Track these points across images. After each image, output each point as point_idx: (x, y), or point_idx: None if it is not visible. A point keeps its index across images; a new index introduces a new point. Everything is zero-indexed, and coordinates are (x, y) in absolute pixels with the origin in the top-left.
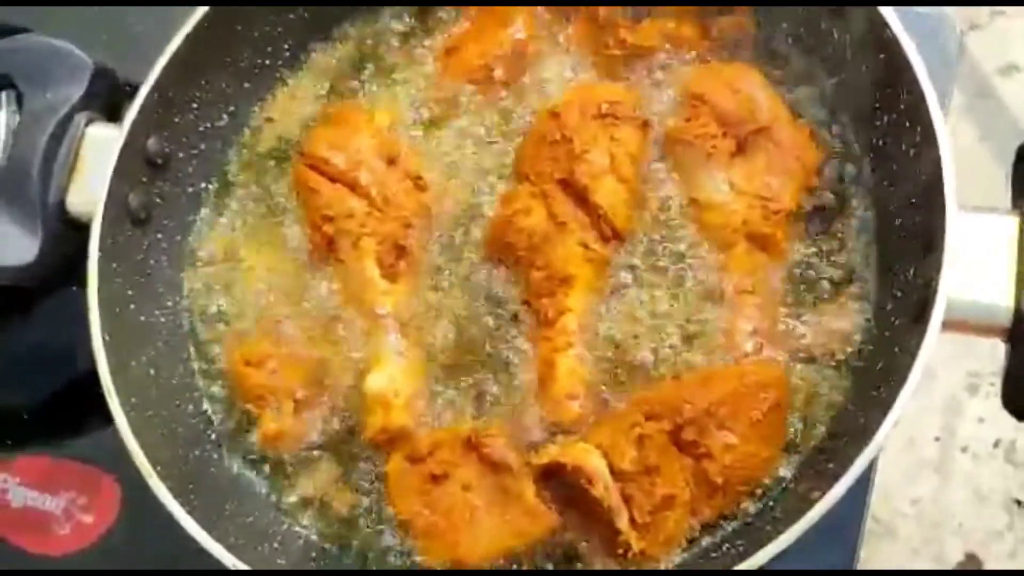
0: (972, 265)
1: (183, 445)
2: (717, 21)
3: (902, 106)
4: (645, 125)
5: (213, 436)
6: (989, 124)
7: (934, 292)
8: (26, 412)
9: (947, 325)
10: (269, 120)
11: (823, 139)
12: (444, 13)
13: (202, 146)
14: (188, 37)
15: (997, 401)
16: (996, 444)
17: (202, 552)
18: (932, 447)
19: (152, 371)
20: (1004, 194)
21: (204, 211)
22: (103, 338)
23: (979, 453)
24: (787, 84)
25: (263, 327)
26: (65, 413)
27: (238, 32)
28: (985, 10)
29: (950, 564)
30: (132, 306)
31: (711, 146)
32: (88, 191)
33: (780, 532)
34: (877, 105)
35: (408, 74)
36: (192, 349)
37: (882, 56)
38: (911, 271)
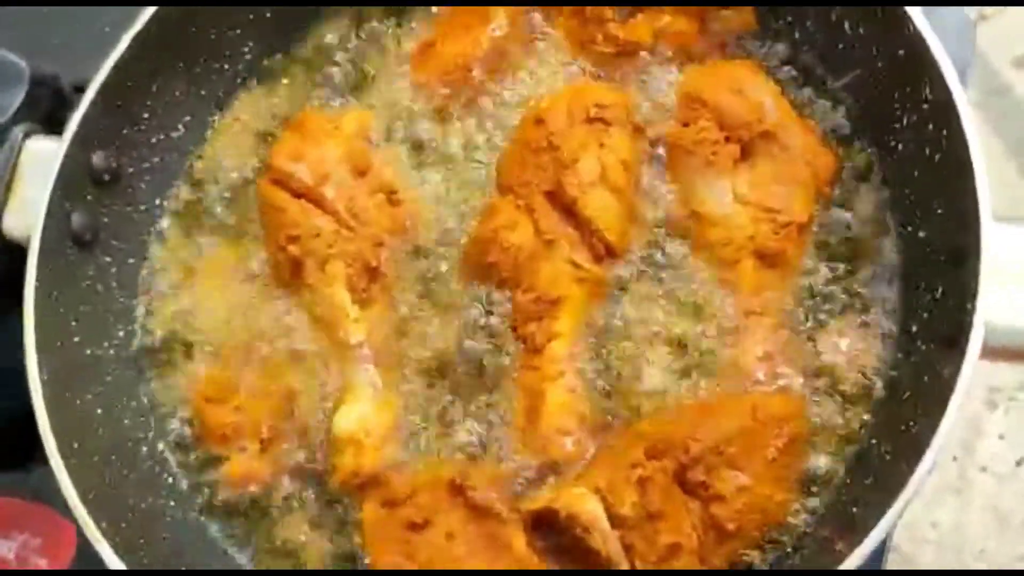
0: (1010, 283)
1: (135, 493)
2: (716, 15)
3: (925, 106)
4: (638, 130)
5: (170, 481)
6: (1003, 119)
7: (970, 315)
8: None
9: (986, 352)
10: (229, 130)
11: (835, 143)
12: (420, 11)
13: (155, 159)
14: (135, 40)
15: (1018, 417)
16: (1019, 463)
17: None
18: (950, 467)
19: (99, 411)
20: (1020, 188)
21: (159, 231)
22: (40, 377)
23: (1000, 473)
24: (794, 84)
25: (225, 359)
26: (15, 449)
27: (192, 34)
28: None
29: None
30: (76, 339)
31: (712, 152)
32: (26, 211)
33: None
34: (896, 106)
35: (379, 79)
36: (145, 385)
37: (901, 52)
38: (939, 289)
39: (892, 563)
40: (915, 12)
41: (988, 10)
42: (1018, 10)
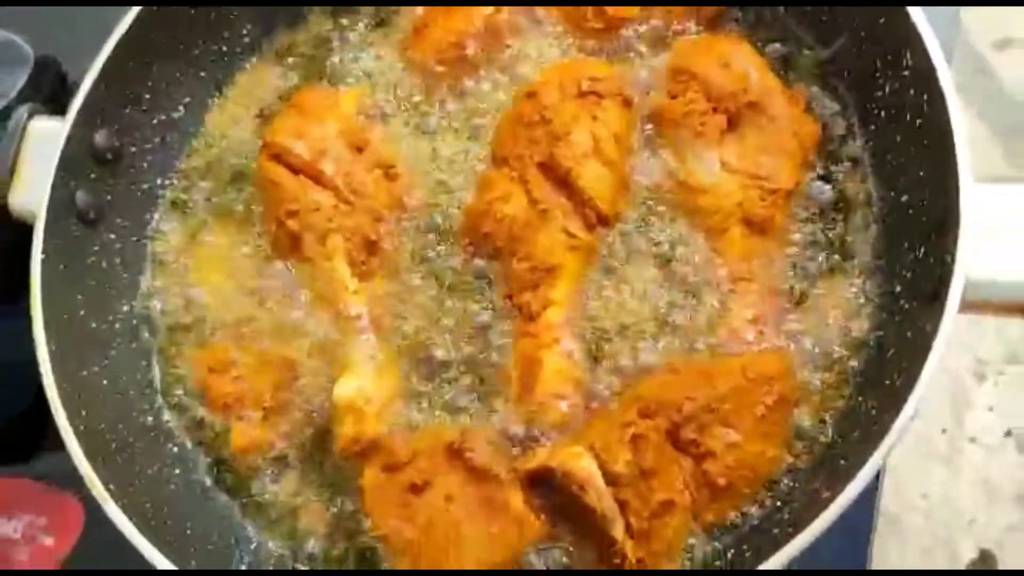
0: (989, 241)
1: (141, 460)
2: None
3: (906, 72)
4: (629, 103)
5: (175, 449)
6: (987, 101)
7: (950, 271)
8: None
9: (967, 306)
10: (229, 110)
11: (820, 112)
12: None
13: (156, 139)
14: (135, 23)
15: (1007, 389)
16: (1007, 434)
17: None
18: (940, 439)
19: (105, 382)
20: (1005, 172)
21: (161, 209)
22: (49, 348)
23: (989, 444)
24: (780, 55)
25: (227, 331)
26: (21, 430)
27: (190, 17)
28: None
29: (963, 563)
30: (82, 312)
31: (700, 123)
32: (31, 189)
33: (791, 536)
34: (878, 73)
35: (377, 58)
36: (150, 357)
37: (883, 20)
38: (922, 249)
39: (880, 530)
40: None
41: None
42: None
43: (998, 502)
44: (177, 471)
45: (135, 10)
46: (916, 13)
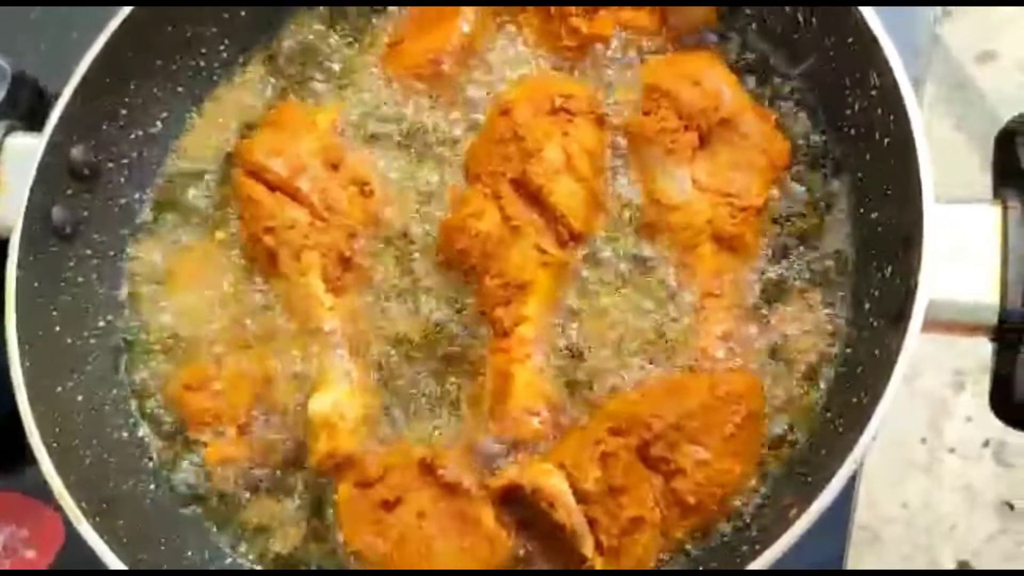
0: (953, 260)
1: (115, 475)
2: (678, 10)
3: (873, 92)
4: (602, 120)
5: (149, 465)
6: (966, 114)
7: (913, 291)
8: None
9: (929, 326)
10: (207, 125)
11: (791, 131)
12: (392, 9)
13: (134, 155)
14: (112, 39)
15: (985, 399)
16: (985, 444)
17: None
18: (919, 449)
19: (80, 397)
20: (984, 186)
21: (138, 224)
22: (23, 364)
23: (968, 454)
24: (751, 74)
25: (204, 347)
26: (3, 452)
27: (168, 33)
28: None
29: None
30: (58, 328)
31: (671, 141)
32: (7, 205)
33: (759, 553)
34: (847, 92)
35: (353, 75)
36: (126, 373)
37: (851, 40)
38: (889, 269)
39: (860, 540)
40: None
41: (951, 7)
42: (981, 7)
43: (977, 511)
44: (152, 487)
45: (112, 26)
46: (881, 33)
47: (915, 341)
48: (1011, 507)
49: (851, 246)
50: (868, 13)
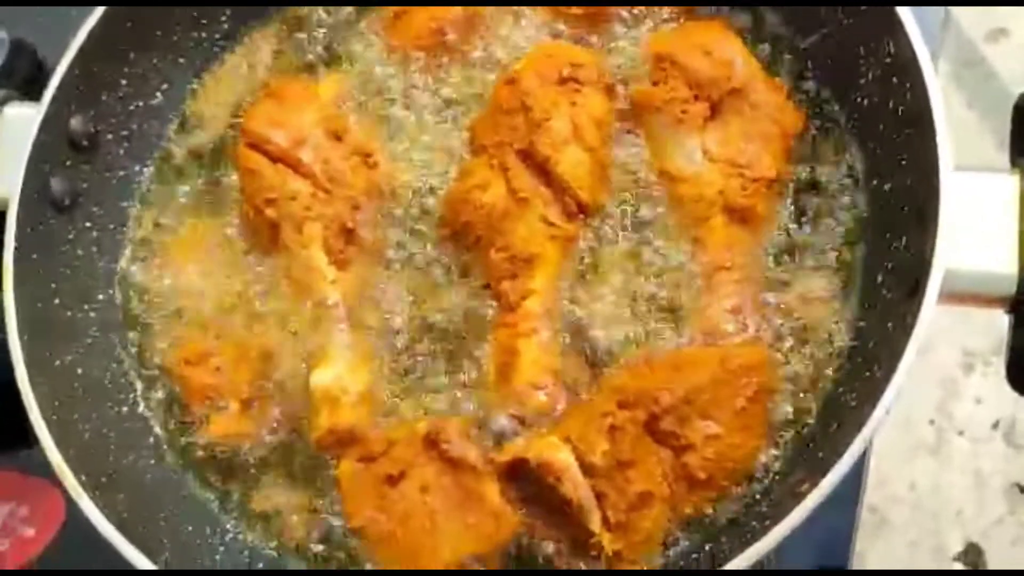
0: (970, 230)
1: (115, 450)
2: None
3: (888, 60)
4: (610, 90)
5: (150, 440)
6: (979, 92)
7: (929, 262)
8: None
9: (944, 297)
10: (208, 97)
11: (803, 100)
12: None
13: (133, 126)
14: (111, 8)
15: (994, 380)
16: (995, 426)
17: None
18: (928, 430)
19: (80, 370)
20: (1003, 164)
21: (138, 196)
22: (21, 338)
23: (977, 436)
24: (763, 43)
25: (204, 320)
26: (4, 432)
27: (168, 4)
28: None
29: (950, 554)
30: (56, 300)
31: (681, 111)
32: (4, 176)
33: (768, 529)
34: (861, 62)
35: (355, 46)
36: (126, 347)
37: (864, 8)
38: (903, 240)
39: (867, 522)
40: None
41: None
42: None
43: (986, 493)
44: (152, 462)
45: None
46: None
47: (931, 313)
48: (1021, 489)
49: (865, 217)
50: None
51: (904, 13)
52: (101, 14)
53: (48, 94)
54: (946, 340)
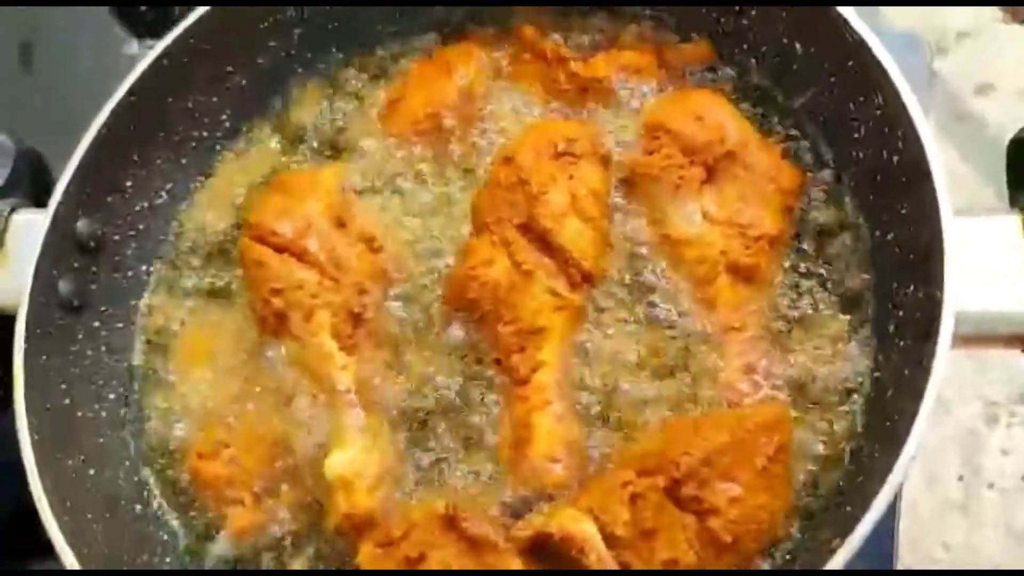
0: (978, 273)
1: (130, 550)
2: (673, 49)
3: (878, 112)
4: (606, 160)
5: (164, 537)
6: (972, 146)
7: (939, 304)
8: None
9: (960, 340)
10: (212, 194)
11: (799, 159)
12: (392, 71)
13: (140, 226)
14: (114, 112)
15: (1020, 431)
16: None
17: None
18: (956, 487)
19: (92, 471)
20: (1000, 210)
21: (146, 294)
22: (32, 439)
23: (1007, 488)
24: (754, 107)
25: (216, 413)
26: (16, 545)
27: (169, 104)
28: (951, 34)
29: None
30: (67, 400)
31: (678, 177)
32: (13, 280)
33: None
34: (853, 117)
35: (354, 135)
36: (138, 445)
37: (851, 63)
38: (911, 287)
39: None
40: (852, 16)
41: (947, 43)
42: (978, 40)
43: (1022, 546)
44: (168, 559)
45: (114, 101)
46: (881, 51)
47: (946, 355)
48: None
49: (871, 268)
50: (861, 28)
51: (889, 64)
52: (104, 118)
53: (55, 200)
54: (967, 393)
